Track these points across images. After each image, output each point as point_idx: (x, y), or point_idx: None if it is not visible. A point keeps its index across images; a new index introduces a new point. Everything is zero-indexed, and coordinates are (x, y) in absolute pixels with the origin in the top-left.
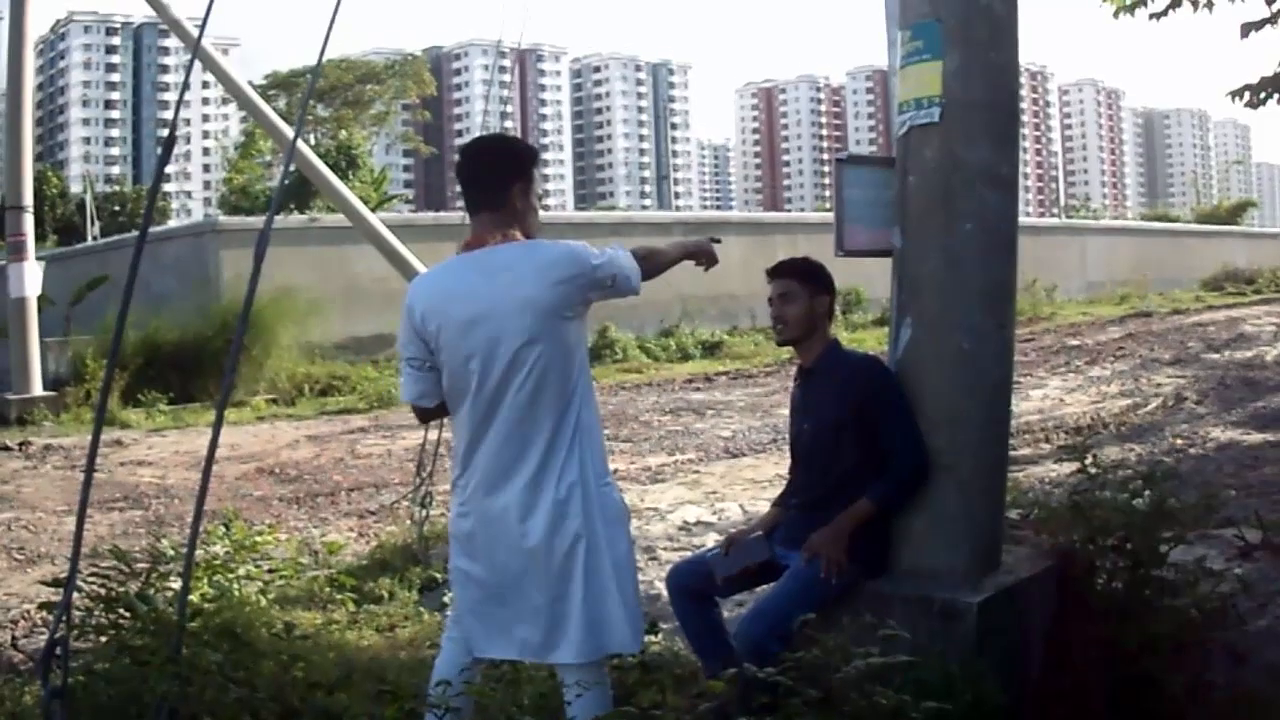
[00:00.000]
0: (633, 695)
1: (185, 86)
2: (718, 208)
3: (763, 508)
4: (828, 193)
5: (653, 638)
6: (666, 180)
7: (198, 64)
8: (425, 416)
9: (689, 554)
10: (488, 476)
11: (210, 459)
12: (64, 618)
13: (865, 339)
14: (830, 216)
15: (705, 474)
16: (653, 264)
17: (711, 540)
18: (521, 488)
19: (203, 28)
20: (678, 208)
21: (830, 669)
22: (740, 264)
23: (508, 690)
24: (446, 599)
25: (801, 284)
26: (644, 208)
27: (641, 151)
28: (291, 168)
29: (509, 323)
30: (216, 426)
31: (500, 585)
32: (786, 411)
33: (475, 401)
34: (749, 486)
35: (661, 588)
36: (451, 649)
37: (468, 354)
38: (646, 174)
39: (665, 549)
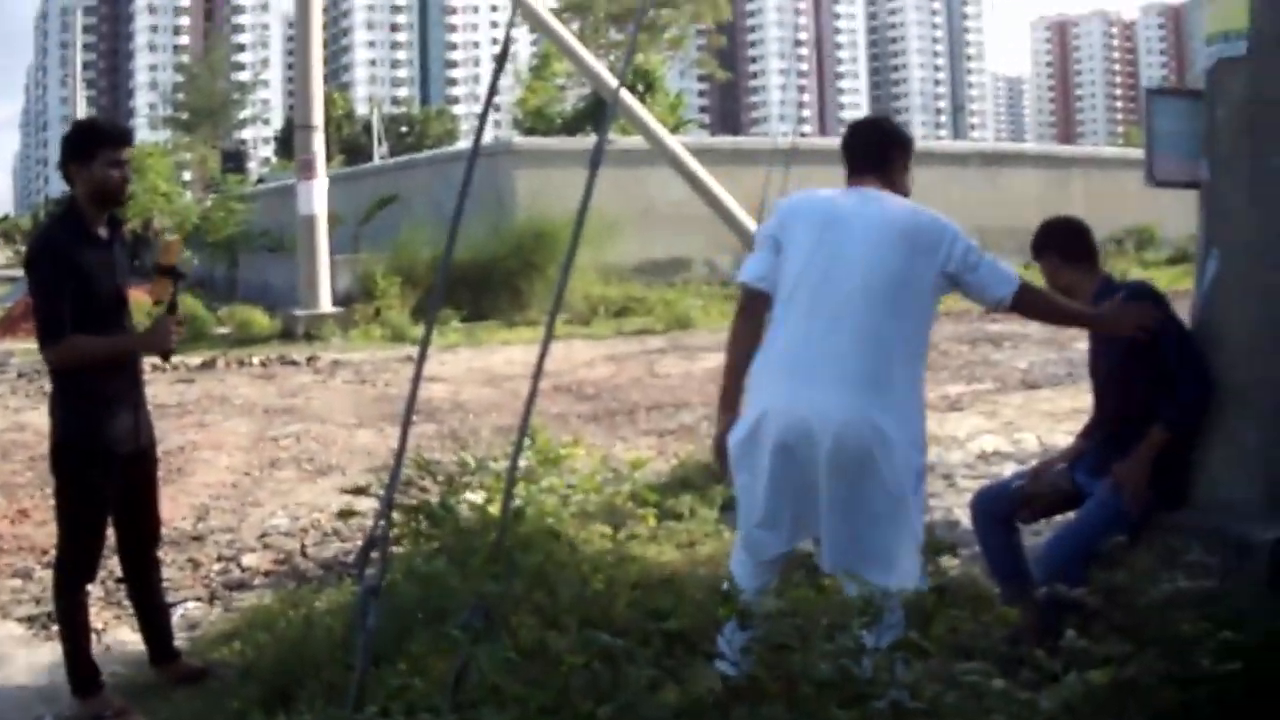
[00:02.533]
0: (929, 621)
1: (512, 24)
2: (1011, 140)
3: (1060, 440)
4: (1120, 129)
5: (952, 560)
6: (961, 111)
7: None
8: (746, 304)
9: (987, 481)
10: (797, 379)
11: (538, 375)
12: (385, 518)
13: (1159, 277)
14: (1127, 152)
15: (1003, 404)
16: (1048, 305)
17: (1009, 470)
18: (838, 393)
19: None
20: (973, 139)
21: (1136, 592)
22: (1036, 199)
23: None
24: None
25: (1039, 258)
26: (939, 138)
27: (936, 82)
28: (592, 91)
29: (865, 236)
30: (544, 345)
31: (798, 492)
32: (1082, 345)
33: (800, 298)
34: (1045, 419)
35: (960, 514)
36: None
37: (812, 250)
38: (941, 104)
39: (963, 477)
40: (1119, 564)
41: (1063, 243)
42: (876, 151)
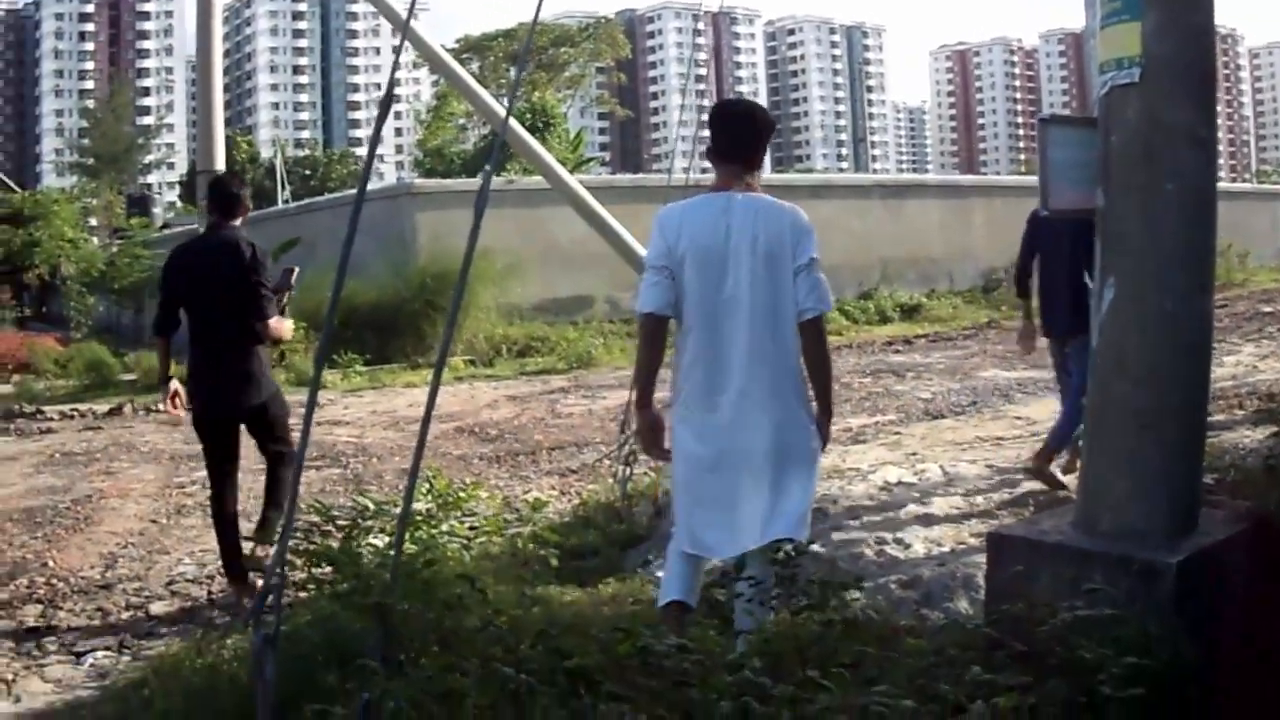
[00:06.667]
0: (834, 652)
1: (396, 66)
2: (914, 170)
3: (964, 469)
4: (1023, 155)
5: (856, 593)
6: (863, 143)
7: (397, 34)
8: (655, 330)
9: (891, 515)
10: (738, 383)
11: (428, 415)
12: (280, 567)
13: None
14: (1026, 180)
15: (906, 435)
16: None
17: (913, 502)
18: (767, 394)
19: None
20: (875, 170)
21: (1036, 622)
22: (939, 227)
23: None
24: (651, 555)
25: None
26: (841, 170)
27: (838, 114)
28: (491, 130)
29: (747, 250)
30: (434, 384)
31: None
32: (985, 375)
33: (715, 314)
34: (950, 448)
35: (865, 550)
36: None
37: (712, 272)
38: (843, 136)
39: (866, 509)
40: (1017, 594)
41: None
42: (755, 144)
